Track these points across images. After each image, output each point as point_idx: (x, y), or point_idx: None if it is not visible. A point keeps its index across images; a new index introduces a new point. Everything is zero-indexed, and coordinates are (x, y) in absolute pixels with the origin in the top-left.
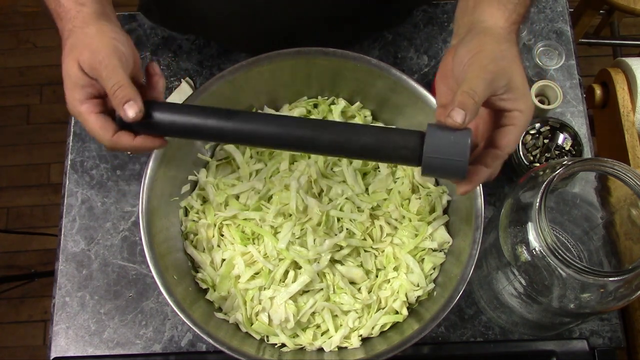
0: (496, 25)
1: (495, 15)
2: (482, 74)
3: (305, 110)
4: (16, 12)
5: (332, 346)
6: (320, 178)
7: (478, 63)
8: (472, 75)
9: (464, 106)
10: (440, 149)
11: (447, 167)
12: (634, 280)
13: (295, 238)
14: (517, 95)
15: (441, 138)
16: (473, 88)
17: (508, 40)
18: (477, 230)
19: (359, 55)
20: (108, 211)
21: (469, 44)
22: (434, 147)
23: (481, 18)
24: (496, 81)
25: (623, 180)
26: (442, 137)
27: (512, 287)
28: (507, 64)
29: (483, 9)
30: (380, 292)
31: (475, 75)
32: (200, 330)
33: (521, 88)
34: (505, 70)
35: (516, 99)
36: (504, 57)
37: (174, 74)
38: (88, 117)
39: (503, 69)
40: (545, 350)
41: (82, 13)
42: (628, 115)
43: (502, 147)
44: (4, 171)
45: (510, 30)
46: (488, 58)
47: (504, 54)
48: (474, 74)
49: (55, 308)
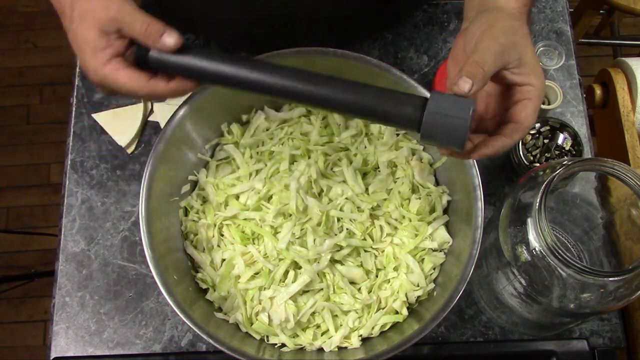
0: (507, 5)
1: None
2: (494, 46)
3: (305, 110)
4: (16, 12)
5: (332, 346)
6: (320, 178)
7: (489, 35)
8: (482, 47)
9: (472, 75)
10: (442, 109)
11: (448, 128)
12: (634, 280)
13: (295, 238)
14: (528, 70)
15: (444, 100)
16: (483, 58)
17: (519, 19)
18: (477, 230)
19: (359, 55)
20: (108, 211)
21: (480, 21)
22: (436, 106)
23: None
24: (507, 54)
25: (623, 180)
26: (445, 99)
27: (512, 287)
28: (519, 38)
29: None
30: (380, 292)
31: (486, 47)
32: (200, 330)
33: (533, 64)
34: (516, 44)
35: (528, 73)
36: (515, 32)
37: None
38: (116, 74)
39: (514, 42)
40: (545, 350)
41: None
42: (628, 115)
43: (522, 120)
44: (4, 171)
45: (521, 11)
46: (500, 31)
47: (516, 29)
48: (484, 44)
49: (55, 308)
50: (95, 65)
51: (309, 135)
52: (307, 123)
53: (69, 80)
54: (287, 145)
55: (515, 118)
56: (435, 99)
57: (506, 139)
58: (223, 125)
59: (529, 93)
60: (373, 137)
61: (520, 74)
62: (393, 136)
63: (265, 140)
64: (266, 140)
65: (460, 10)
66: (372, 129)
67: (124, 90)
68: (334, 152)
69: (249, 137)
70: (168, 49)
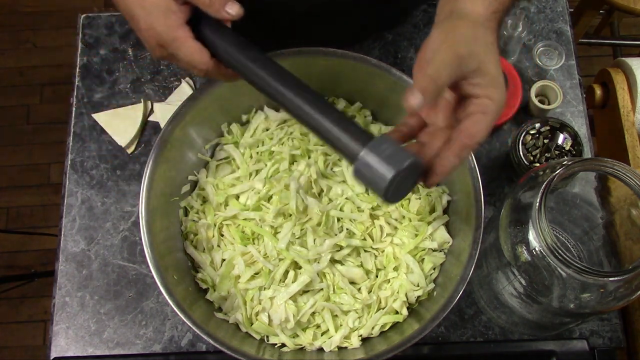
0: (474, 12)
1: (475, 3)
2: (449, 57)
3: None
4: (16, 12)
5: (332, 346)
6: (320, 178)
7: (447, 44)
8: (438, 58)
9: (423, 90)
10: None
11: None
12: (634, 280)
13: (295, 238)
14: (487, 82)
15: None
16: (437, 70)
17: (485, 26)
18: (477, 230)
19: (359, 55)
20: (108, 211)
21: (441, 27)
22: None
23: (460, 5)
24: (465, 64)
25: (623, 180)
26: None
27: (512, 287)
28: (479, 48)
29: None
30: (380, 292)
31: (441, 58)
32: (200, 330)
33: (493, 75)
34: (475, 53)
35: (486, 85)
36: (476, 41)
37: (174, 74)
38: (185, 41)
39: (473, 52)
40: (545, 350)
41: None
42: (628, 115)
43: (471, 136)
44: (4, 171)
45: (488, 18)
46: (458, 40)
47: (477, 37)
48: (440, 56)
49: (55, 308)
50: (168, 28)
51: (309, 135)
52: None
53: (69, 80)
54: (287, 145)
55: (465, 133)
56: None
57: (453, 159)
58: (223, 125)
59: (485, 107)
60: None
61: (478, 85)
62: None
63: (265, 140)
64: (266, 140)
65: None
66: (372, 129)
67: (185, 59)
68: (334, 152)
69: (249, 137)
70: (230, 19)
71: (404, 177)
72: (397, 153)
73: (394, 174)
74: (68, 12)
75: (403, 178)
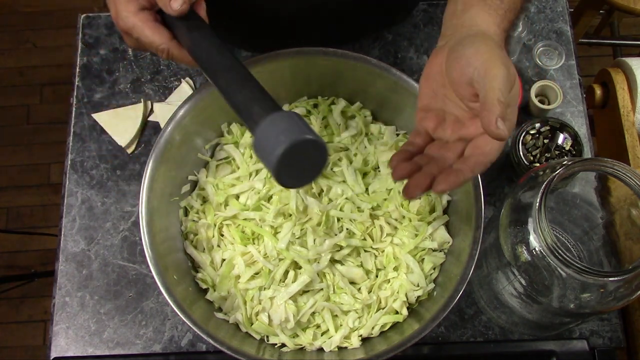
0: (490, 30)
1: (488, 21)
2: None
3: (305, 110)
4: (16, 12)
5: (332, 346)
6: (320, 178)
7: (497, 69)
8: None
9: (502, 115)
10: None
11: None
12: (634, 280)
13: (295, 238)
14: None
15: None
16: (504, 95)
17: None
18: (477, 230)
19: (359, 55)
20: (108, 211)
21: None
22: (271, 123)
23: (472, 22)
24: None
25: (623, 180)
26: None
27: (512, 287)
28: (513, 71)
29: (474, 13)
30: (380, 292)
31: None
32: (200, 330)
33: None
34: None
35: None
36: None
37: (174, 74)
38: (144, 25)
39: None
40: (545, 350)
41: None
42: (628, 115)
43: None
44: (4, 171)
45: (502, 37)
46: (503, 64)
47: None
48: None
49: (55, 308)
50: (127, 14)
51: None
52: None
53: (69, 80)
54: None
55: (480, 150)
56: (277, 118)
57: (467, 174)
58: (223, 125)
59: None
60: (373, 137)
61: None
62: (393, 136)
63: None
64: None
65: None
66: (372, 129)
67: (146, 41)
68: (334, 152)
69: (249, 137)
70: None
71: (301, 157)
72: (298, 128)
73: (286, 146)
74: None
75: (300, 158)
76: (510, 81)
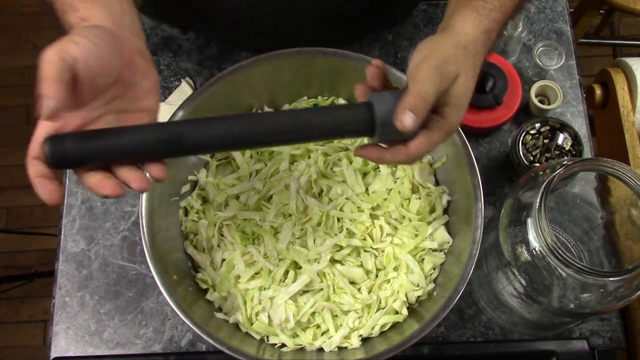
0: (462, 31)
1: (466, 21)
2: (432, 76)
3: None
4: (16, 12)
5: (332, 346)
6: (320, 178)
7: (429, 63)
8: (423, 76)
9: (414, 108)
10: (387, 105)
11: (400, 132)
12: (634, 280)
13: (295, 238)
14: (449, 101)
15: (384, 97)
16: (424, 89)
17: (467, 48)
18: (477, 230)
19: (359, 55)
20: (108, 211)
21: (427, 42)
22: (382, 105)
23: (452, 22)
24: (443, 84)
25: (623, 180)
26: (385, 96)
27: (512, 287)
28: (454, 68)
29: (458, 14)
30: (380, 292)
31: (426, 76)
32: (200, 330)
33: (458, 98)
34: (450, 74)
35: (447, 103)
36: (455, 61)
37: (174, 74)
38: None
39: (450, 72)
40: (545, 350)
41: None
42: (628, 115)
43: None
44: (4, 171)
45: (475, 39)
46: (438, 59)
47: (456, 58)
48: (424, 74)
49: (55, 308)
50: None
51: None
52: None
53: None
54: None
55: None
56: (378, 98)
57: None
58: None
59: (436, 123)
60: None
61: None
62: None
63: None
64: None
65: None
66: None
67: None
68: (334, 152)
69: None
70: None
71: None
72: (395, 94)
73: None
74: None
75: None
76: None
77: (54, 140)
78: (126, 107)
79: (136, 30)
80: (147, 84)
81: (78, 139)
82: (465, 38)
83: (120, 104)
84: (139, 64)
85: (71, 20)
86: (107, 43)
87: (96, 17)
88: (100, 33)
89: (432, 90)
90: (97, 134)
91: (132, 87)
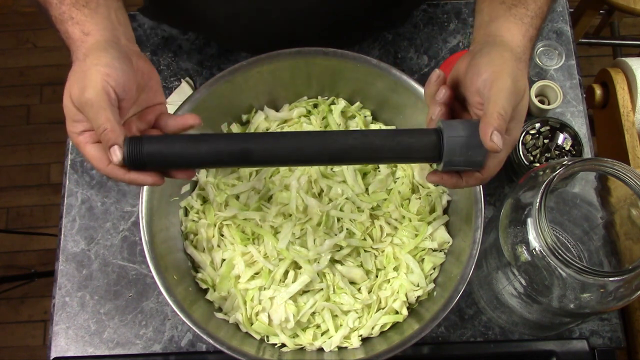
0: (513, 42)
1: (512, 31)
2: (508, 95)
3: (305, 110)
4: (16, 12)
5: (332, 346)
6: (320, 178)
7: (503, 82)
8: (500, 96)
9: (501, 130)
10: (457, 132)
11: (468, 149)
12: (634, 280)
13: (295, 238)
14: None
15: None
16: (505, 109)
17: (520, 59)
18: (477, 230)
19: (359, 55)
20: (108, 211)
21: (488, 56)
22: (451, 131)
23: (498, 32)
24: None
25: (623, 180)
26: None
27: (512, 287)
28: (523, 85)
29: (500, 23)
30: (380, 292)
31: (503, 96)
32: (200, 330)
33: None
34: (521, 91)
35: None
36: (523, 77)
37: (174, 74)
38: (84, 147)
39: (520, 89)
40: (545, 350)
41: (85, 44)
42: (628, 115)
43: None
44: (4, 171)
45: (526, 48)
46: (511, 77)
47: (522, 73)
48: (501, 94)
49: (55, 308)
50: (71, 133)
51: None
52: (307, 123)
53: None
54: None
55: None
56: (448, 125)
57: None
58: (223, 125)
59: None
60: None
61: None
62: None
63: None
64: None
65: (460, 10)
66: (372, 128)
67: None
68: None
69: None
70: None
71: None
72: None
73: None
74: None
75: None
76: (516, 95)
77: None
78: (143, 106)
79: (131, 37)
80: (154, 83)
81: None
82: (517, 50)
83: (140, 105)
84: (143, 68)
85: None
86: (122, 61)
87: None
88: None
89: (510, 110)
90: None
91: (144, 89)
